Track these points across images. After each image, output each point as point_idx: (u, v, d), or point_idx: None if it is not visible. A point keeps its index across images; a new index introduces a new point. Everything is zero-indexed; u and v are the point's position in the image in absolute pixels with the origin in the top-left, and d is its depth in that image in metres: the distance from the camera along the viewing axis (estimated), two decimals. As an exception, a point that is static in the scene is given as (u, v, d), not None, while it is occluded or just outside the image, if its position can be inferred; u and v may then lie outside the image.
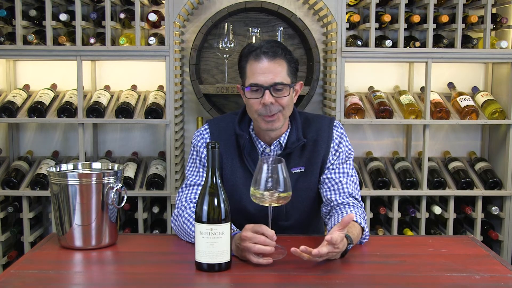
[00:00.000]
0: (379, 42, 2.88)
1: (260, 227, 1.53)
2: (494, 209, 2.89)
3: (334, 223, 1.73)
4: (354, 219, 1.67)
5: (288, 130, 1.90)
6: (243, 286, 1.43)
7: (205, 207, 1.48)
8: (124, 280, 1.48)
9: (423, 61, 2.78)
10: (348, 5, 2.92)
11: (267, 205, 1.57)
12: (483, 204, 2.89)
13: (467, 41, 2.85)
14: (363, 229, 1.72)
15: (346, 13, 2.80)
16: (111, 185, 1.68)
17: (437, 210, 2.88)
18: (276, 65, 1.77)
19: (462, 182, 2.84)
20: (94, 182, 1.66)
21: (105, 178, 1.67)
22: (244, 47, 1.85)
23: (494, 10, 2.94)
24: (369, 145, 3.14)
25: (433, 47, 2.79)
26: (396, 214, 2.87)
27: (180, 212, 1.81)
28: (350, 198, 1.84)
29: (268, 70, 1.76)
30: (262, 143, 1.88)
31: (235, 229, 1.67)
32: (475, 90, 3.01)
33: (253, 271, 1.50)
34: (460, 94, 2.91)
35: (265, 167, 1.53)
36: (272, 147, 1.88)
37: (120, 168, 1.77)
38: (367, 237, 1.76)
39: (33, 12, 2.78)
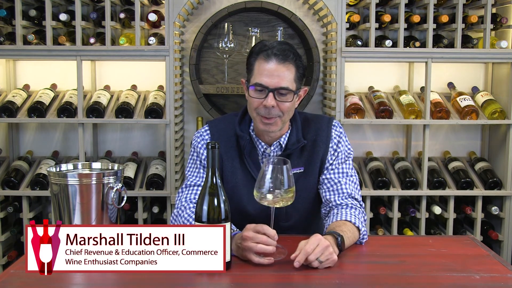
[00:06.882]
0: (379, 42, 2.88)
1: (262, 227, 1.53)
2: (494, 209, 2.89)
3: (329, 223, 1.74)
4: (348, 219, 1.71)
5: (289, 131, 1.89)
6: (243, 286, 1.43)
7: (205, 207, 1.48)
8: (124, 280, 1.48)
9: (423, 61, 2.77)
10: (348, 5, 2.92)
11: (273, 205, 1.56)
12: (483, 204, 2.89)
13: (467, 41, 2.85)
14: (358, 228, 1.72)
15: (346, 13, 2.80)
16: (111, 185, 1.68)
17: (437, 210, 2.88)
18: (284, 68, 1.75)
19: (462, 182, 2.84)
20: (94, 182, 1.66)
21: (105, 178, 1.67)
22: (257, 44, 1.83)
23: (494, 10, 2.93)
24: (369, 145, 3.14)
25: (433, 47, 2.79)
26: (396, 214, 2.87)
27: (180, 212, 1.81)
28: (349, 199, 1.83)
29: (276, 73, 1.74)
30: (262, 143, 1.88)
31: (235, 229, 1.67)
32: (475, 90, 3.01)
33: (253, 271, 1.50)
34: (460, 94, 2.91)
35: (269, 167, 1.53)
36: (272, 148, 1.88)
37: (120, 168, 1.76)
38: (366, 237, 1.75)
39: (33, 12, 2.78)
